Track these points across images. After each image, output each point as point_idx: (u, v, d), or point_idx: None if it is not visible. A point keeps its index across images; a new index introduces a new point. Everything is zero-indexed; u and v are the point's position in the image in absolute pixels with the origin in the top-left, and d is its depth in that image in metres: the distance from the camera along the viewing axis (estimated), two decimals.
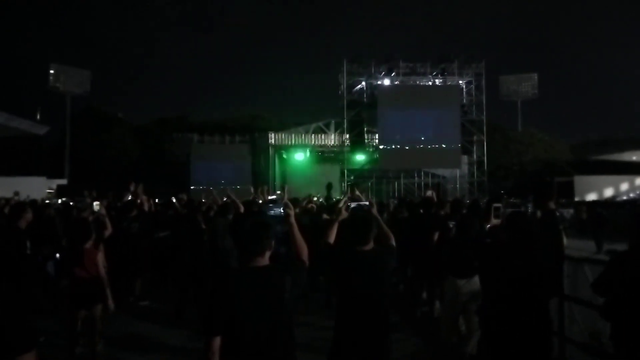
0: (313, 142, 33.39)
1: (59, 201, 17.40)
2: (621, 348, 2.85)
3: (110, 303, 4.79)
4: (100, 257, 4.82)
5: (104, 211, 6.71)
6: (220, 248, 6.48)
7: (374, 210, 3.48)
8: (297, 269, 2.55)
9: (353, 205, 3.35)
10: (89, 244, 4.83)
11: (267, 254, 2.40)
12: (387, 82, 32.91)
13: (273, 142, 33.20)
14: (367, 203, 3.52)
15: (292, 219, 2.71)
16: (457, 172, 34.40)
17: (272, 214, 5.88)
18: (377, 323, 2.94)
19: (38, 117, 35.66)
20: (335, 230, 3.13)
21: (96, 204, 6.94)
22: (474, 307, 4.62)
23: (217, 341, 2.21)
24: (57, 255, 6.57)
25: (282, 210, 2.83)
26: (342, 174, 32.68)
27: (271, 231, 2.42)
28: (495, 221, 5.62)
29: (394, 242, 3.28)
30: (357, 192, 5.73)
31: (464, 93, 34.14)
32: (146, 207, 8.08)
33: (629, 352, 2.80)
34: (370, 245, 3.01)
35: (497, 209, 5.10)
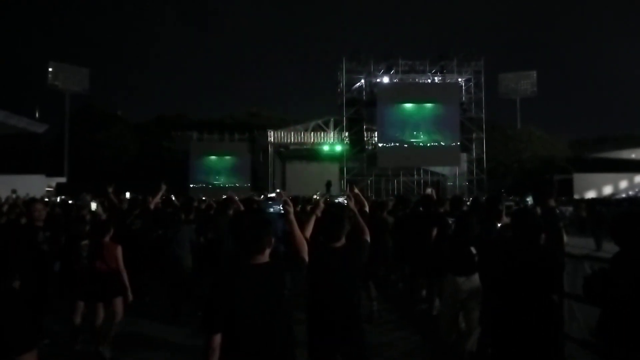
0: (312, 140, 33.38)
1: (57, 199, 17.38)
2: (619, 347, 2.85)
3: (130, 295, 4.99)
4: (120, 252, 4.97)
5: (101, 210, 6.74)
6: (222, 245, 6.49)
7: (352, 204, 3.58)
8: (297, 266, 2.55)
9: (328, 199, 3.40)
10: (107, 238, 5.02)
11: (267, 252, 2.40)
12: (386, 79, 32.88)
13: (272, 139, 33.19)
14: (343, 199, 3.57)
15: (292, 216, 2.71)
16: (456, 169, 34.42)
17: (271, 211, 5.85)
18: (346, 315, 3.05)
19: (37, 115, 35.65)
20: (312, 224, 3.19)
21: (93, 204, 6.95)
22: (473, 305, 4.62)
23: (216, 338, 2.21)
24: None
25: (281, 208, 2.84)
26: (341, 171, 32.68)
27: (270, 229, 2.42)
28: (506, 219, 5.62)
29: (368, 237, 3.34)
30: (356, 190, 5.73)
31: (463, 91, 34.13)
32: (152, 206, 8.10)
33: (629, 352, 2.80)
34: (341, 242, 3.11)
35: (509, 207, 5.11)
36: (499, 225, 5.47)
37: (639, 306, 2.63)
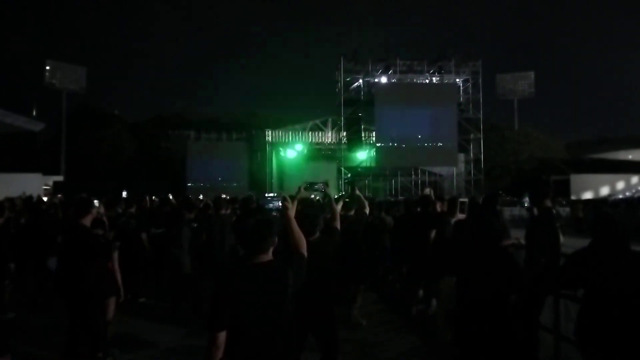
0: (310, 140, 33.36)
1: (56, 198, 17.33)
2: (587, 346, 2.91)
3: (122, 295, 5.14)
4: (116, 252, 5.04)
5: (103, 210, 6.71)
6: (218, 244, 6.50)
7: (328, 190, 3.87)
8: (296, 262, 2.57)
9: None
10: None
11: (271, 250, 2.42)
12: (384, 79, 32.89)
13: (270, 139, 33.15)
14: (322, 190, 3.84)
15: (290, 213, 2.74)
16: (454, 170, 34.45)
17: (270, 207, 5.86)
18: (321, 300, 3.41)
19: (34, 113, 35.56)
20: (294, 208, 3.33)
21: (96, 202, 6.91)
22: None
23: (221, 336, 2.21)
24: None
25: (280, 204, 2.87)
26: (339, 171, 32.67)
27: (274, 229, 2.44)
28: (460, 216, 5.65)
29: (338, 224, 3.69)
30: (357, 192, 5.77)
31: (461, 91, 34.17)
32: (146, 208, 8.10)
33: (595, 349, 2.86)
34: (316, 236, 3.45)
35: (462, 203, 5.21)
36: (453, 221, 5.50)
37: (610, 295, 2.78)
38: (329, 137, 33.43)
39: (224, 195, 8.63)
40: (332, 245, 3.55)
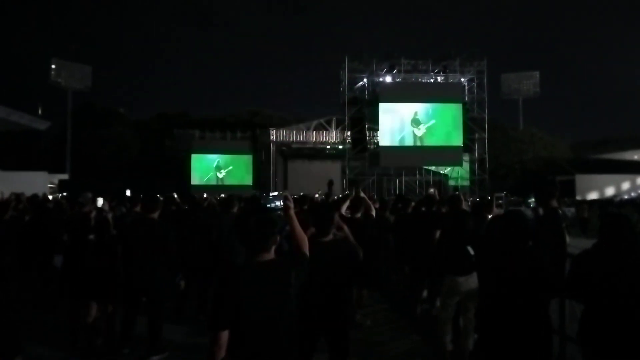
0: (314, 139, 33.35)
1: (60, 196, 17.41)
2: (588, 346, 2.90)
3: None
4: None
5: (107, 207, 6.73)
6: (226, 243, 6.49)
7: (332, 189, 3.88)
8: (299, 261, 2.57)
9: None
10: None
11: (273, 249, 2.43)
12: (388, 79, 32.82)
13: (274, 138, 33.17)
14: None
15: (292, 212, 2.75)
16: (458, 170, 34.36)
17: (273, 206, 5.85)
18: (334, 300, 3.35)
19: (39, 112, 35.72)
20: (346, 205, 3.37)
21: (100, 200, 6.95)
22: (470, 305, 4.63)
23: (224, 335, 2.22)
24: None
25: (281, 203, 2.89)
26: (343, 171, 32.65)
27: (276, 228, 2.45)
28: (497, 210, 5.61)
29: (346, 229, 3.70)
30: (362, 194, 5.75)
31: (466, 91, 34.06)
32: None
33: (595, 348, 2.85)
34: (329, 237, 3.40)
35: (498, 198, 5.15)
36: (489, 216, 5.45)
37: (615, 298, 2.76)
38: (333, 136, 33.41)
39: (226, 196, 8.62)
40: (346, 249, 3.50)
